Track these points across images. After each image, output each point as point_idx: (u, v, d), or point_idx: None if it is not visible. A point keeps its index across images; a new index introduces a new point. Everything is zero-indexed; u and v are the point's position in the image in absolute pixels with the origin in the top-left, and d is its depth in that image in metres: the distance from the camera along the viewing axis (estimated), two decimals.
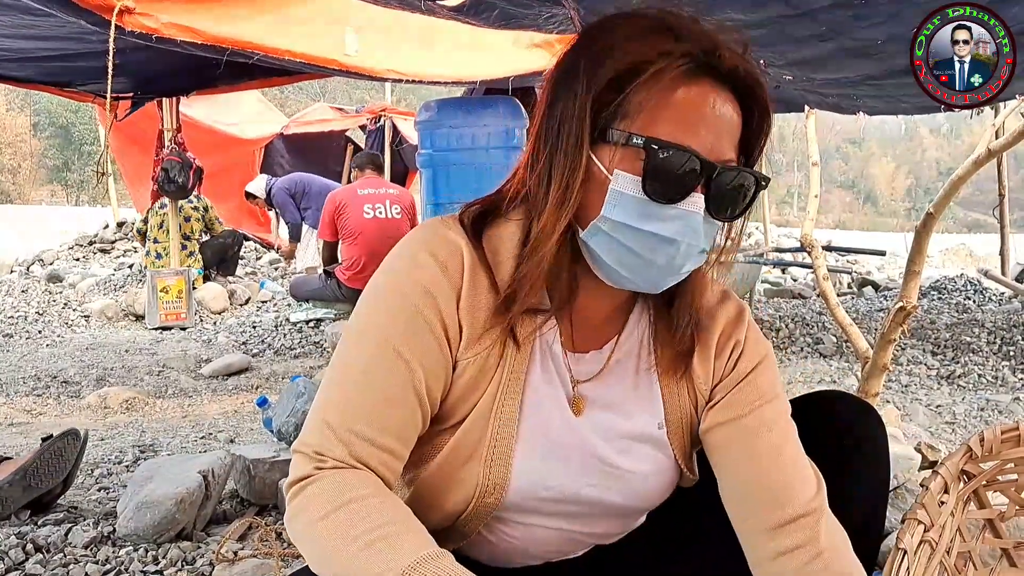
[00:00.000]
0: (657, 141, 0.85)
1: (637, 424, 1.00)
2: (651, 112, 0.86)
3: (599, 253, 0.90)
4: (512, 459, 0.95)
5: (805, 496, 0.95)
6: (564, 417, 0.98)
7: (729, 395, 1.01)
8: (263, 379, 4.12)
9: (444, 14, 2.72)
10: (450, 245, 0.93)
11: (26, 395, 3.75)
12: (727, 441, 0.99)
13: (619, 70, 0.86)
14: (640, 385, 1.02)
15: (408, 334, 0.90)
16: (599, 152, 0.88)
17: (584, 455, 0.98)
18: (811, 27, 2.57)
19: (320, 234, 5.42)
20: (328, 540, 0.82)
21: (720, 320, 1.03)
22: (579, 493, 0.99)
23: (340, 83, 23.92)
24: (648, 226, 0.87)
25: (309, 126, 9.73)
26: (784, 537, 0.94)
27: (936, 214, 2.28)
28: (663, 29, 0.88)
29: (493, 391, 0.94)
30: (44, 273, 7.30)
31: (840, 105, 4.05)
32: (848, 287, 7.52)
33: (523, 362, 0.95)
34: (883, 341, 2.27)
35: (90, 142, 26.62)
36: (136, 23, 2.80)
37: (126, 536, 1.77)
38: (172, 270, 5.67)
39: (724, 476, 1.00)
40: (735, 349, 1.03)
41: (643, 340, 1.02)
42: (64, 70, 4.21)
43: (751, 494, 0.97)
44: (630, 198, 0.87)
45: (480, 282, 0.93)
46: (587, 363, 1.00)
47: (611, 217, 0.88)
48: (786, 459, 0.97)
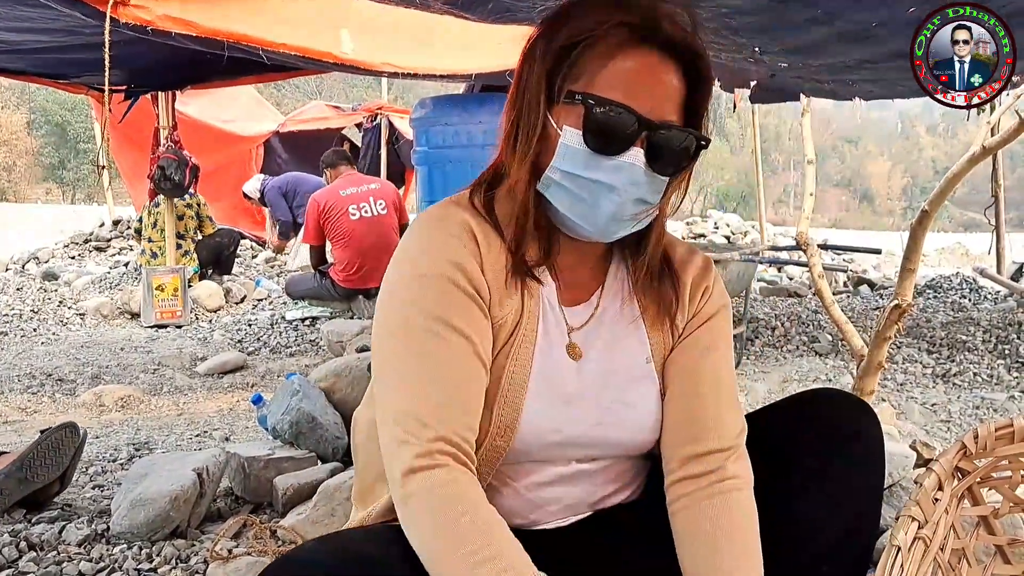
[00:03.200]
0: (594, 97, 0.95)
1: (628, 361, 1.09)
2: (593, 75, 0.96)
3: (554, 203, 1.01)
4: (522, 406, 1.02)
5: (728, 435, 1.05)
6: (564, 362, 1.06)
7: (694, 333, 1.12)
8: (258, 377, 4.11)
9: (439, 8, 2.71)
10: (456, 220, 1.02)
11: (21, 393, 3.74)
12: (680, 373, 1.10)
13: (568, 38, 0.97)
14: (627, 327, 1.11)
15: (452, 306, 0.97)
16: (554, 113, 0.99)
17: (585, 397, 1.06)
18: (806, 11, 2.57)
19: (305, 238, 5.37)
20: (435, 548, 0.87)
21: (691, 269, 1.14)
22: (584, 435, 1.06)
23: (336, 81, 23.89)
24: (591, 175, 0.97)
25: (305, 124, 9.72)
26: (695, 465, 1.04)
27: (932, 212, 2.29)
28: (613, 3, 0.98)
29: (510, 348, 1.02)
30: (39, 271, 7.28)
31: (836, 92, 4.04)
32: (844, 285, 7.52)
33: (535, 321, 1.05)
34: (878, 339, 2.28)
35: (86, 140, 26.56)
36: (131, 15, 2.80)
37: (120, 534, 1.77)
38: (167, 268, 5.66)
39: (667, 403, 1.09)
40: (705, 293, 1.13)
41: (623, 289, 1.13)
42: (58, 62, 4.20)
43: (683, 423, 1.07)
44: (576, 151, 0.97)
45: (494, 245, 1.02)
46: (579, 314, 1.09)
47: (559, 167, 0.98)
48: (721, 401, 1.07)
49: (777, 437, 1.09)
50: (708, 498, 1.02)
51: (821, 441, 1.07)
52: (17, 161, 29.31)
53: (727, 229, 11.67)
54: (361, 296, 5.18)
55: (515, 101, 1.04)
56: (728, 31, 2.85)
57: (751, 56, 3.24)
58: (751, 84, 4.24)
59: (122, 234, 8.98)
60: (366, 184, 5.26)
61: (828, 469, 1.05)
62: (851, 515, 1.06)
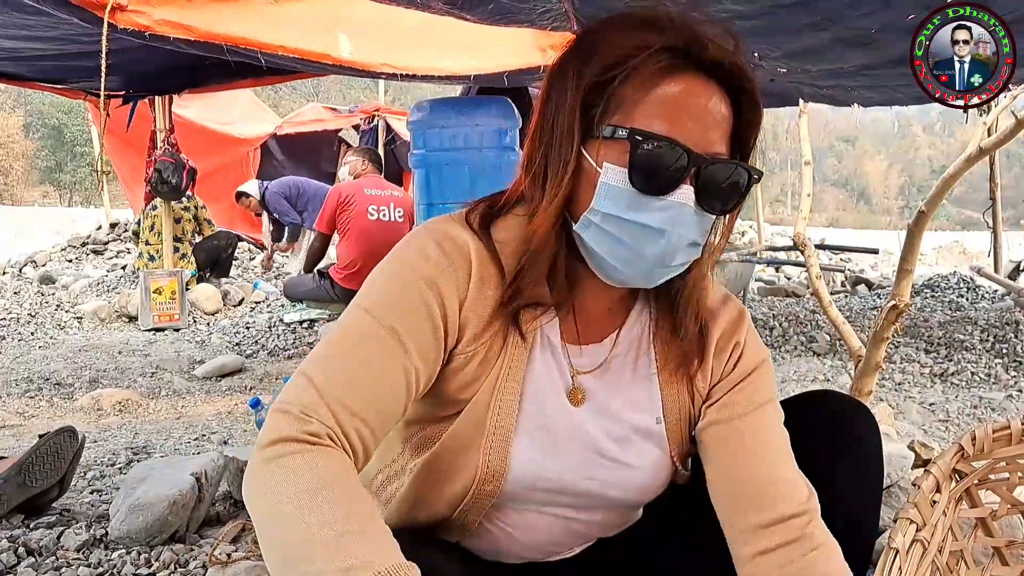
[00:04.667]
0: (641, 132, 0.87)
1: (635, 418, 1.02)
2: (636, 105, 0.88)
3: (592, 246, 0.92)
4: (510, 447, 0.97)
5: (797, 499, 0.96)
6: (563, 407, 0.99)
7: (728, 395, 1.03)
8: (257, 380, 4.11)
9: (440, 8, 2.71)
10: (458, 241, 0.95)
11: (19, 397, 3.73)
12: (721, 440, 1.01)
13: (605, 66, 0.89)
14: (639, 380, 1.03)
15: (407, 315, 0.91)
16: (590, 147, 0.90)
17: (582, 447, 0.99)
18: (806, 16, 2.57)
19: (317, 224, 5.36)
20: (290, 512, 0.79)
21: (721, 321, 1.04)
22: (576, 486, 1.00)
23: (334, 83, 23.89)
24: (637, 217, 0.89)
25: (303, 126, 9.73)
26: (769, 536, 0.95)
27: (928, 213, 2.29)
28: (648, 24, 0.90)
29: (493, 381, 0.96)
30: (36, 275, 7.27)
31: (835, 97, 4.05)
32: (842, 285, 7.53)
33: (523, 354, 0.97)
34: (876, 340, 2.28)
35: (82, 143, 26.56)
36: (129, 20, 2.80)
37: (119, 539, 1.76)
38: (165, 271, 5.65)
39: (715, 474, 1.01)
40: (735, 350, 1.04)
41: (643, 336, 1.04)
42: (56, 68, 4.20)
43: (740, 493, 0.98)
44: (619, 190, 0.89)
45: (488, 277, 0.95)
46: (587, 356, 1.01)
47: (601, 209, 0.90)
48: (778, 462, 0.99)
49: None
50: (790, 562, 0.93)
51: (819, 444, 1.06)
52: (14, 164, 29.29)
53: None
54: None
55: (542, 133, 0.95)
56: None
57: (750, 61, 3.25)
58: None
59: (119, 237, 8.98)
60: (390, 190, 5.28)
61: (826, 471, 1.05)
62: (847, 517, 1.06)
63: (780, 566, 0.94)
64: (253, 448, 0.88)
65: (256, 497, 0.83)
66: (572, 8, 2.68)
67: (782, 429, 1.02)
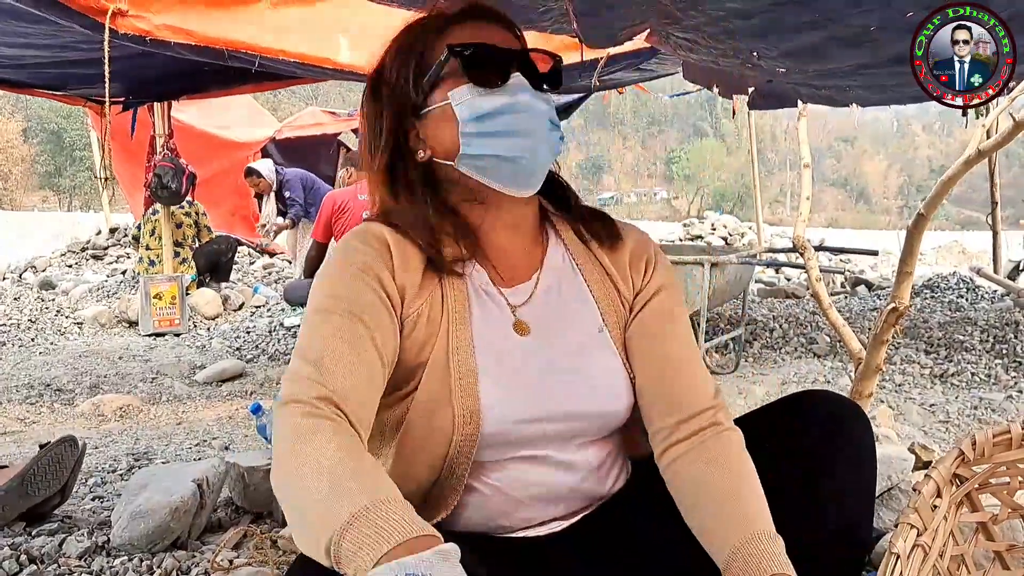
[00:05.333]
0: (459, 45, 1.06)
1: (580, 330, 1.12)
2: (442, 47, 1.07)
3: (483, 153, 1.07)
4: (478, 388, 1.04)
5: (705, 396, 1.09)
6: (513, 340, 1.09)
7: (644, 309, 1.15)
8: (257, 385, 4.11)
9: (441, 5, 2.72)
10: (374, 232, 1.09)
11: (19, 404, 3.73)
12: (639, 350, 1.13)
13: (407, 43, 1.12)
14: (574, 299, 1.14)
15: (356, 298, 1.02)
16: (428, 103, 1.09)
17: (539, 369, 1.07)
18: (804, 14, 2.57)
19: (313, 233, 5.37)
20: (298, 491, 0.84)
21: (629, 240, 1.19)
22: (550, 407, 1.06)
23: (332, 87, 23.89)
24: (495, 104, 1.05)
25: (302, 130, 9.73)
26: (683, 429, 1.07)
27: (927, 215, 2.29)
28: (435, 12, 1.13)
29: (445, 334, 1.06)
30: (36, 280, 7.28)
31: (833, 98, 4.05)
32: (841, 286, 7.54)
33: (463, 305, 1.08)
34: (876, 342, 2.28)
35: (81, 147, 26.58)
36: (129, 25, 2.81)
37: (120, 546, 1.76)
38: (165, 276, 5.66)
39: (640, 380, 1.12)
40: (647, 264, 1.18)
41: (565, 262, 1.17)
42: (56, 75, 4.22)
43: (660, 396, 1.10)
44: (469, 99, 1.06)
45: (408, 251, 1.07)
46: (519, 293, 1.12)
47: (468, 119, 1.06)
48: (686, 367, 1.11)
49: (766, 440, 1.09)
50: (700, 443, 1.06)
51: (810, 443, 1.07)
52: (13, 169, 29.31)
53: (724, 230, 11.70)
54: None
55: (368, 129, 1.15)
56: (726, 35, 2.86)
57: (749, 61, 3.25)
58: (749, 91, 4.26)
59: (119, 242, 8.98)
60: None
61: (822, 471, 1.06)
62: (839, 519, 1.06)
63: (694, 447, 1.06)
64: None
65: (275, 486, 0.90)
66: (572, 7, 2.67)
67: (690, 339, 1.15)
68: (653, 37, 3.06)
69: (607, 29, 2.89)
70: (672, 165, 60.91)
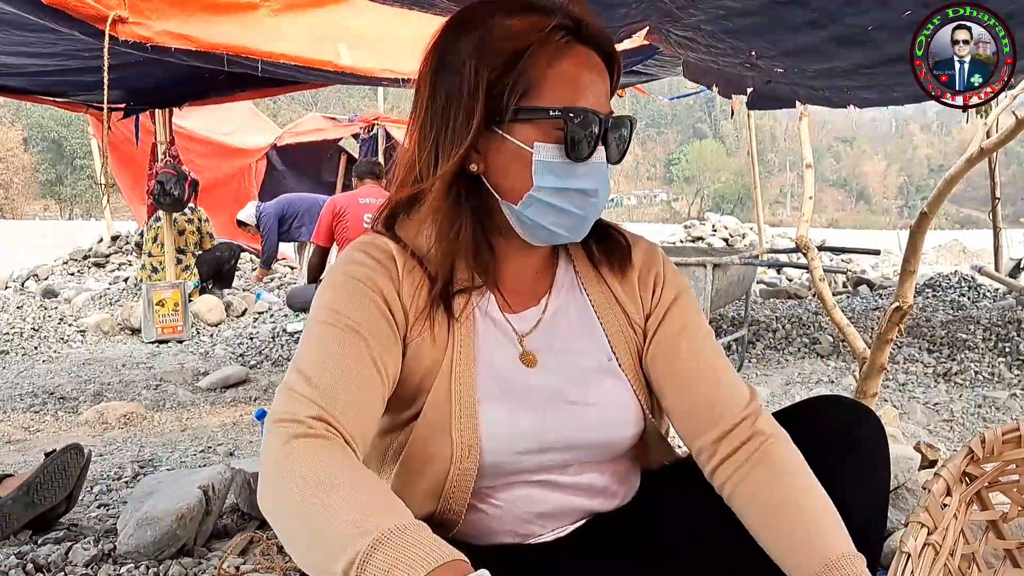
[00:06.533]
0: (573, 109, 0.97)
1: (587, 360, 1.09)
2: (543, 82, 0.98)
3: (537, 220, 1.02)
4: (478, 419, 1.01)
5: (739, 405, 1.05)
6: (519, 371, 1.06)
7: (659, 328, 1.11)
8: (261, 390, 4.11)
9: (444, 5, 2.71)
10: (378, 244, 1.05)
11: (23, 412, 3.73)
12: (663, 370, 1.09)
13: (505, 51, 0.97)
14: (582, 326, 1.11)
15: (358, 313, 0.98)
16: (510, 129, 0.99)
17: (547, 400, 1.05)
18: (803, 14, 2.58)
19: (314, 238, 5.38)
20: (300, 506, 0.81)
21: (637, 258, 1.15)
22: (554, 438, 1.04)
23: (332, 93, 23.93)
24: (575, 184, 1.00)
25: (302, 136, 9.72)
26: (727, 445, 1.04)
27: (930, 214, 2.29)
28: (536, 9, 1.00)
29: (448, 365, 1.03)
30: (39, 288, 7.28)
31: (831, 99, 4.06)
32: (843, 286, 7.54)
33: (469, 333, 1.05)
34: (880, 341, 2.28)
35: (82, 155, 26.61)
36: (130, 32, 2.81)
37: (127, 553, 1.76)
38: (168, 283, 5.66)
39: (668, 404, 1.09)
40: (656, 280, 1.14)
41: (574, 286, 1.13)
42: (58, 83, 4.23)
43: (693, 413, 1.07)
44: (553, 164, 0.99)
45: (415, 271, 1.04)
46: (527, 319, 1.09)
47: (544, 185, 0.99)
48: (715, 378, 1.08)
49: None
50: (747, 460, 1.02)
51: (824, 448, 1.05)
52: (14, 178, 29.35)
53: (725, 232, 11.70)
54: None
55: (430, 121, 1.02)
56: (726, 34, 2.87)
57: (748, 61, 3.25)
58: (748, 91, 4.26)
59: (121, 249, 8.98)
60: (384, 198, 5.24)
61: (835, 476, 1.05)
62: (855, 523, 1.06)
63: (741, 463, 1.02)
64: (259, 461, 0.89)
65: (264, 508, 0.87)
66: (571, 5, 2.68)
67: (710, 348, 1.11)
68: (652, 35, 3.06)
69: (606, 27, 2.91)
70: (672, 167, 60.95)
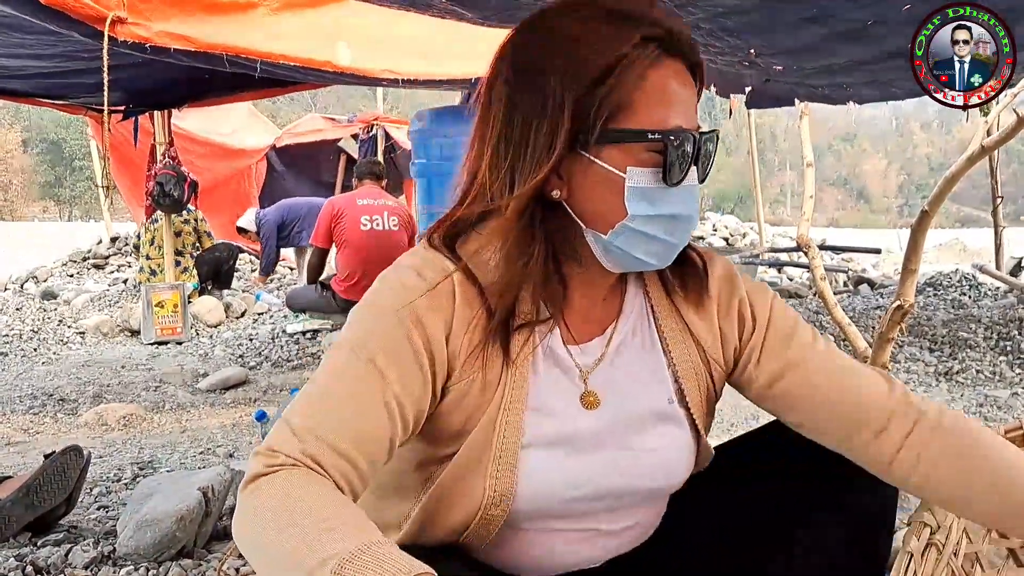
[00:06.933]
0: (672, 132, 0.88)
1: (649, 402, 1.00)
2: (634, 102, 0.88)
3: (627, 250, 0.92)
4: (518, 465, 0.94)
5: (882, 397, 0.98)
6: (578, 414, 0.97)
7: (763, 359, 1.02)
8: (261, 392, 4.10)
9: (441, 6, 2.71)
10: (439, 268, 0.93)
11: (23, 414, 3.73)
12: (789, 399, 1.01)
13: (595, 66, 0.87)
14: (647, 361, 1.01)
15: (389, 349, 0.88)
16: (598, 152, 0.89)
17: (602, 445, 0.97)
18: (801, 10, 2.58)
19: (313, 239, 5.39)
20: (272, 536, 0.76)
21: (714, 286, 1.04)
22: (607, 486, 0.98)
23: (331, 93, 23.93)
24: (669, 210, 0.90)
25: (302, 137, 9.72)
26: (889, 439, 0.97)
27: (931, 212, 2.28)
28: (619, 16, 0.89)
29: (497, 404, 0.93)
30: (38, 290, 7.27)
31: (830, 96, 4.06)
32: (844, 285, 7.52)
33: (524, 375, 0.94)
34: (881, 341, 2.28)
35: (81, 157, 26.60)
36: (129, 33, 2.81)
37: (127, 555, 1.76)
38: (167, 284, 5.65)
39: (801, 421, 1.01)
40: (742, 306, 1.04)
41: (642, 316, 1.03)
42: (57, 85, 4.23)
43: (837, 426, 0.99)
44: (647, 191, 0.89)
45: (472, 299, 0.92)
46: (591, 352, 0.99)
47: (637, 213, 0.90)
48: (848, 380, 0.99)
49: (785, 454, 1.06)
50: (926, 447, 0.96)
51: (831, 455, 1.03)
52: (13, 180, 29.36)
53: (725, 231, 11.68)
54: None
55: (507, 142, 0.92)
56: (724, 32, 2.86)
57: (746, 59, 3.25)
58: (746, 89, 4.26)
59: (120, 251, 8.97)
60: (383, 199, 5.24)
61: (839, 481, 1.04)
62: (864, 526, 1.05)
63: (923, 452, 0.96)
64: None
65: (236, 535, 0.82)
66: None
67: (828, 349, 1.02)
68: None
69: None
70: None
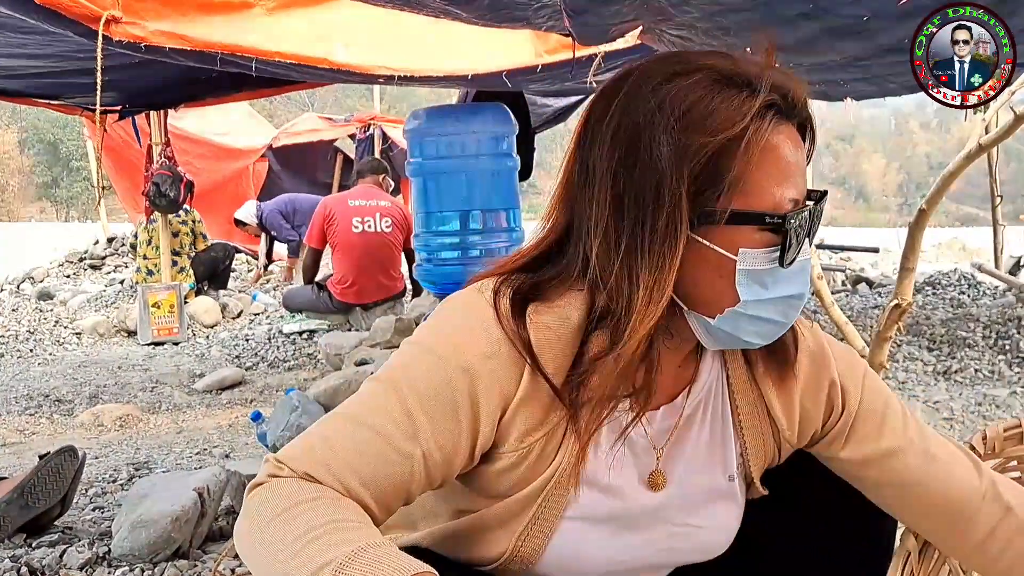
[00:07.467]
0: (793, 213, 0.81)
1: (710, 480, 0.95)
2: (750, 175, 0.80)
3: (734, 334, 0.85)
4: (551, 539, 0.90)
5: (972, 483, 0.95)
6: (639, 492, 0.92)
7: (851, 435, 0.96)
8: (257, 392, 4.10)
9: (436, 6, 2.70)
10: (510, 326, 0.84)
11: (19, 415, 3.72)
12: (875, 477, 0.96)
13: (714, 142, 0.79)
14: (716, 435, 0.95)
15: (431, 399, 0.82)
16: (706, 233, 0.81)
17: (655, 522, 0.93)
18: (797, 5, 2.57)
19: (307, 240, 5.38)
20: (271, 539, 0.75)
21: (801, 367, 0.95)
22: (649, 562, 0.95)
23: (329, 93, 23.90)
24: (782, 291, 0.84)
25: (299, 136, 9.71)
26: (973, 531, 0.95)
27: (929, 210, 2.28)
28: (738, 83, 0.81)
29: (549, 476, 0.87)
30: (34, 291, 7.25)
31: (827, 93, 4.05)
32: (842, 284, 7.52)
33: (587, 445, 0.87)
34: (879, 339, 2.27)
35: (78, 158, 26.55)
36: (123, 32, 2.79)
37: (122, 556, 1.75)
38: (163, 285, 5.64)
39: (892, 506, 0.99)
40: (832, 389, 0.96)
41: (716, 386, 0.95)
42: (53, 85, 4.21)
43: (922, 511, 0.97)
44: (760, 273, 0.82)
45: (539, 372, 0.84)
46: (661, 421, 0.92)
47: (751, 299, 0.82)
48: (938, 467, 0.95)
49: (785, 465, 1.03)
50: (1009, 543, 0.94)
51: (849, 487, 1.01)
52: (9, 180, 29.32)
53: None
54: (358, 308, 5.17)
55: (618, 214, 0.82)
56: (719, 31, 2.85)
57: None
58: None
59: (117, 251, 8.96)
60: (375, 199, 5.18)
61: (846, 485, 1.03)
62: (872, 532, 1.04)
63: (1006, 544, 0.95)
64: (256, 462, 0.87)
65: (237, 539, 0.82)
66: (564, 4, 2.67)
67: (917, 428, 0.97)
68: (645, 35, 3.05)
69: (598, 26, 2.89)
70: None
